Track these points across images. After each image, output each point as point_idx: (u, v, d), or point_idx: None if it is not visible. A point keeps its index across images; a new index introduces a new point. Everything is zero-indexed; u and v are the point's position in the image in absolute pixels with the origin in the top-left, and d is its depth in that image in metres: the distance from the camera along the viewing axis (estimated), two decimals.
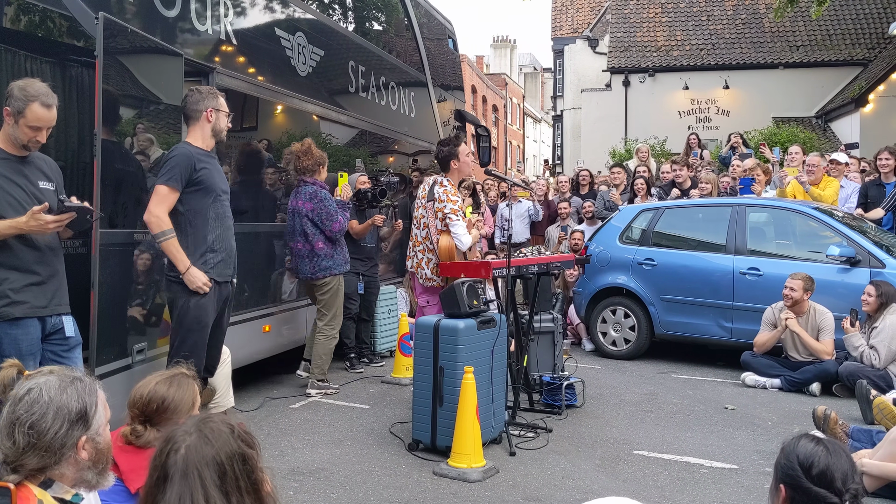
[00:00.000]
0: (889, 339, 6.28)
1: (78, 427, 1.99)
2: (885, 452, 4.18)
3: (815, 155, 8.96)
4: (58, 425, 1.95)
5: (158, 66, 4.96)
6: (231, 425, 1.78)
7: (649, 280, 8.17)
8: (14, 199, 3.55)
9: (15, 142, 3.59)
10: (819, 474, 2.12)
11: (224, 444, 1.73)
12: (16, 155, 3.61)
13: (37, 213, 3.47)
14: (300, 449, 5.02)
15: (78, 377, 2.05)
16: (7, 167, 3.58)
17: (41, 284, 3.63)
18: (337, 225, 6.41)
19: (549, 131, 46.64)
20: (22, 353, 3.49)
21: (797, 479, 2.14)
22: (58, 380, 2.01)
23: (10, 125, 3.55)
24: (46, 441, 1.94)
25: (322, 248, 6.43)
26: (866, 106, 18.92)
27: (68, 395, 1.99)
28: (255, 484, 1.75)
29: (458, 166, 5.84)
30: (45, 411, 1.95)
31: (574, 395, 6.11)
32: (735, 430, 5.60)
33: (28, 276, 3.58)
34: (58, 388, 1.99)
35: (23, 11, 4.25)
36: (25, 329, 3.56)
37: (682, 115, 23.16)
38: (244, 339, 6.10)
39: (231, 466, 1.71)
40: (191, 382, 2.77)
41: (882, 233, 7.80)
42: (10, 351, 3.43)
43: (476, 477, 4.44)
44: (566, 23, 33.97)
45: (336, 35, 7.94)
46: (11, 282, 3.53)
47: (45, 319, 3.65)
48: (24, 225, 3.50)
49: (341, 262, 6.55)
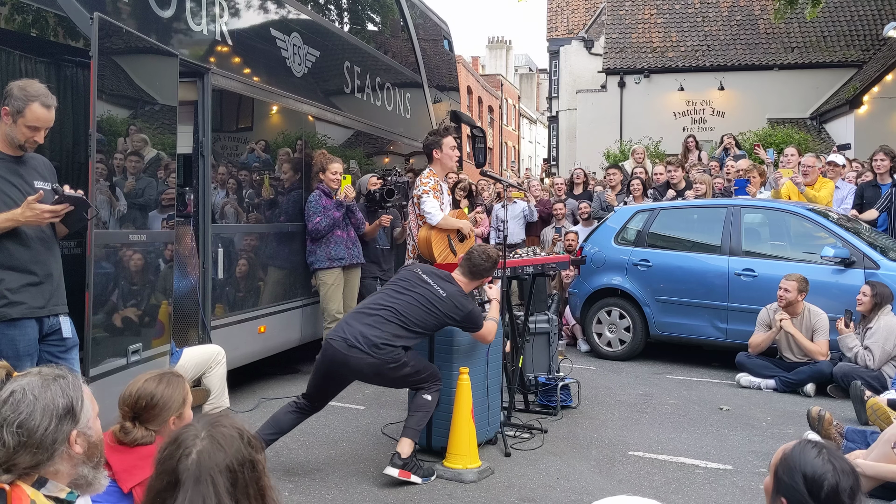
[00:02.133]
0: (883, 339, 6.30)
1: (66, 421, 1.99)
2: (878, 453, 4.19)
3: (810, 156, 8.97)
4: (46, 421, 1.95)
5: (153, 66, 4.95)
6: (240, 429, 1.76)
7: (644, 281, 8.18)
8: (10, 199, 3.54)
9: (11, 142, 3.58)
10: (826, 498, 2.05)
11: (236, 451, 1.71)
12: (11, 155, 3.60)
13: (32, 203, 3.45)
14: (295, 450, 5.01)
15: (60, 374, 2.05)
16: (3, 167, 3.57)
17: (39, 284, 3.61)
18: (311, 224, 6.89)
19: (545, 132, 46.69)
20: (19, 354, 3.48)
21: (802, 499, 2.07)
22: (40, 379, 2.01)
23: (8, 125, 3.54)
24: (37, 438, 1.94)
25: (309, 244, 7.00)
26: (861, 107, 18.98)
27: (53, 392, 1.99)
28: (262, 490, 1.74)
29: (440, 157, 5.96)
30: (32, 409, 1.95)
31: (569, 396, 6.11)
32: (730, 430, 5.61)
33: (25, 276, 3.57)
34: (41, 386, 1.99)
35: (17, 11, 4.24)
36: (23, 330, 3.55)
37: (677, 117, 23.20)
38: (239, 339, 6.10)
39: (242, 473, 1.70)
40: (181, 381, 2.76)
41: (876, 234, 7.82)
42: (7, 352, 3.41)
43: (471, 478, 4.45)
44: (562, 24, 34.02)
45: (332, 35, 7.94)
46: (8, 282, 3.51)
47: (42, 320, 3.64)
48: (21, 216, 3.48)
49: (323, 258, 6.94)
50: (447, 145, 5.92)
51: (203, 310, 5.71)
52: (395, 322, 4.44)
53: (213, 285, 5.83)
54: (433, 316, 4.52)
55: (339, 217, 6.92)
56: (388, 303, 4.52)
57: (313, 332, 7.24)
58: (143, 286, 4.77)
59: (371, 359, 4.35)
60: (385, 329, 4.41)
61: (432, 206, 5.73)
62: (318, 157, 7.17)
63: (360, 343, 4.34)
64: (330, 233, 6.92)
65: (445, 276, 4.73)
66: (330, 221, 6.86)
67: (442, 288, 4.60)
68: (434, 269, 4.86)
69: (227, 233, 6.09)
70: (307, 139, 7.24)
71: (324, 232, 6.87)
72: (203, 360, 5.19)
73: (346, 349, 4.36)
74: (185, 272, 5.72)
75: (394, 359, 4.39)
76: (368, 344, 4.34)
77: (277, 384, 6.85)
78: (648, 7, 25.24)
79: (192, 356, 5.16)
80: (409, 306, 4.49)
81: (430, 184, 5.83)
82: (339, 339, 4.41)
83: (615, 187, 10.59)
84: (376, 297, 4.68)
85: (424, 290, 4.56)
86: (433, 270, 4.82)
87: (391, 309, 4.48)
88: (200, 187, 5.76)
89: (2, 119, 3.56)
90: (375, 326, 4.41)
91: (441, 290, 4.58)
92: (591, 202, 10.36)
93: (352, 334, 4.38)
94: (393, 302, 4.52)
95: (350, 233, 7.13)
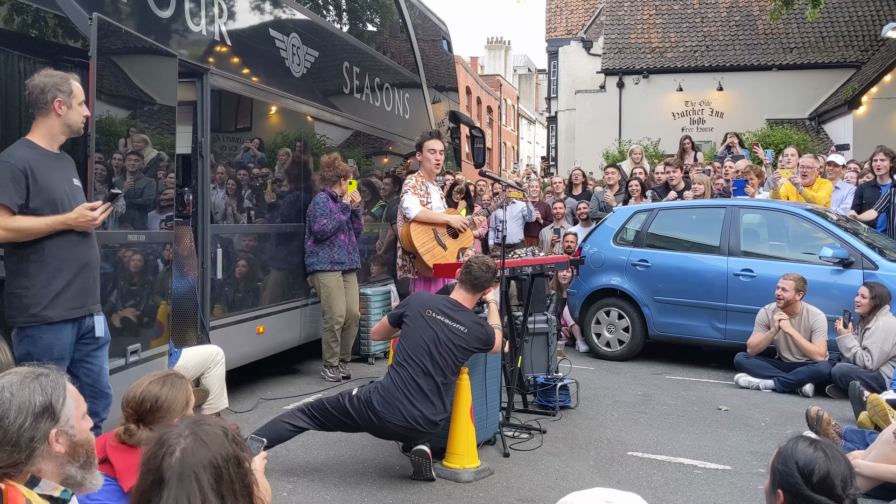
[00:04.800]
0: (882, 340, 6.30)
1: (44, 420, 1.98)
2: (877, 453, 4.20)
3: (809, 156, 8.97)
4: (21, 419, 1.94)
5: (152, 66, 4.95)
6: (224, 427, 1.78)
7: (643, 281, 8.18)
8: (66, 197, 3.56)
9: (64, 132, 3.59)
10: (819, 481, 2.10)
11: (219, 447, 1.72)
12: (53, 152, 3.59)
13: (85, 210, 3.50)
14: (294, 450, 5.01)
15: (43, 373, 2.05)
16: (51, 164, 3.56)
17: (75, 282, 3.59)
18: (317, 225, 6.90)
19: (544, 132, 46.68)
20: (54, 359, 3.45)
21: (797, 486, 2.12)
22: (20, 377, 2.01)
23: (63, 113, 3.54)
24: (11, 436, 1.93)
25: (310, 245, 6.98)
26: (859, 108, 18.99)
27: (31, 390, 1.98)
28: (248, 487, 1.75)
29: (421, 159, 6.26)
30: (7, 407, 1.94)
31: (568, 397, 6.11)
32: (728, 431, 5.61)
33: (64, 275, 3.55)
34: (19, 385, 1.98)
35: (16, 12, 4.23)
36: (59, 333, 3.53)
37: (675, 117, 23.21)
38: (238, 340, 6.09)
39: (227, 469, 1.71)
40: (184, 383, 2.77)
41: (875, 234, 7.83)
42: (41, 356, 3.37)
43: (470, 478, 4.45)
44: (560, 24, 34.03)
45: (330, 36, 7.93)
46: (48, 284, 3.49)
47: (79, 321, 3.63)
48: (74, 221, 3.50)
49: (325, 260, 6.95)
50: (426, 148, 6.18)
51: (202, 310, 5.71)
52: (442, 390, 4.40)
53: (211, 285, 5.83)
54: (464, 353, 4.49)
55: (344, 221, 7.00)
56: (428, 368, 4.36)
57: (312, 333, 7.25)
58: (141, 286, 4.76)
59: (428, 434, 4.44)
60: (437, 401, 4.38)
61: (410, 201, 5.96)
62: (339, 165, 7.16)
63: (422, 425, 4.34)
64: (334, 236, 6.96)
65: (453, 305, 4.58)
66: (336, 224, 6.92)
67: (457, 322, 4.49)
68: (438, 300, 4.65)
69: (226, 233, 6.09)
70: (306, 139, 7.24)
71: (329, 234, 6.91)
72: (202, 361, 5.18)
73: (405, 432, 4.39)
74: (183, 272, 5.72)
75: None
76: (428, 423, 4.36)
77: (276, 385, 6.85)
78: (647, 8, 25.26)
79: (190, 356, 5.15)
80: (445, 362, 4.38)
81: (412, 183, 6.09)
82: (401, 420, 4.31)
83: (613, 187, 10.59)
84: (412, 364, 4.40)
85: (444, 332, 4.42)
86: (438, 302, 4.60)
87: (432, 377, 4.35)
88: (199, 187, 5.75)
89: (53, 113, 3.54)
90: (431, 402, 4.35)
91: (460, 326, 4.48)
92: (590, 202, 10.37)
93: (411, 417, 4.30)
94: (431, 366, 4.36)
95: (352, 237, 7.20)
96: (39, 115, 3.56)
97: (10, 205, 3.40)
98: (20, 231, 3.42)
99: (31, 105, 3.55)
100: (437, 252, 5.88)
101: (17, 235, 3.43)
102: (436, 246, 5.89)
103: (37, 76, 3.58)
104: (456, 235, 6.12)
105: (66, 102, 3.54)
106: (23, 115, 4.22)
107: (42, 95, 3.51)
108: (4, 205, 3.39)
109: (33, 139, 3.57)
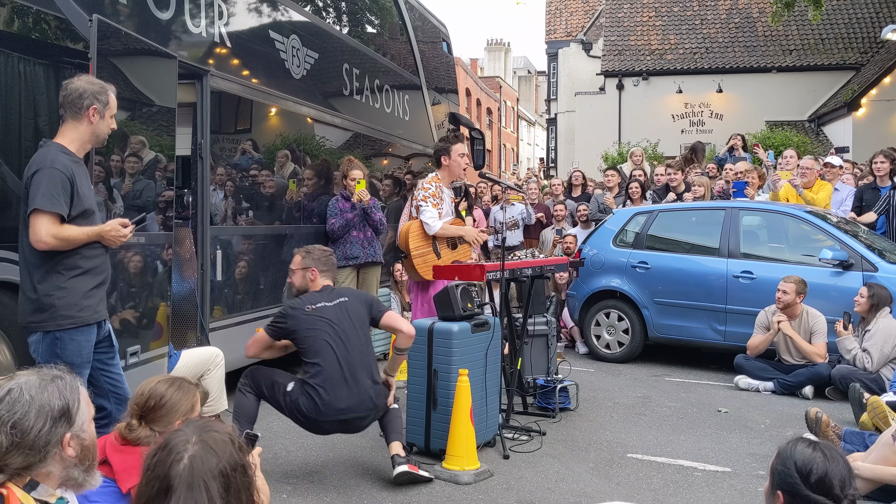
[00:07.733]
0: (881, 342, 6.30)
1: (61, 424, 1.97)
2: (877, 455, 4.19)
3: (809, 158, 8.97)
4: (41, 423, 1.94)
5: (152, 68, 4.95)
6: (230, 434, 1.76)
7: (643, 283, 8.18)
8: (92, 206, 3.57)
9: (92, 140, 3.59)
10: (817, 481, 2.11)
11: (228, 455, 1.70)
12: (80, 158, 3.58)
13: (118, 227, 3.53)
14: (294, 452, 5.01)
15: (58, 375, 2.04)
16: (82, 171, 3.56)
17: (102, 287, 3.62)
18: (328, 225, 7.24)
19: (543, 134, 46.71)
20: (83, 361, 3.46)
21: (795, 486, 2.13)
22: (38, 379, 2.00)
23: (95, 122, 3.53)
24: (30, 439, 1.92)
25: (329, 246, 6.97)
26: (859, 110, 19.01)
27: (49, 393, 1.97)
28: (251, 495, 1.74)
29: (448, 164, 5.98)
30: (27, 410, 1.93)
31: (568, 399, 6.11)
32: (728, 433, 5.61)
33: (95, 278, 3.57)
34: (38, 387, 1.97)
35: (16, 13, 4.23)
36: (88, 336, 3.54)
37: (675, 119, 23.25)
38: (238, 342, 6.08)
39: (235, 478, 1.69)
40: (194, 390, 2.78)
41: (874, 236, 7.83)
42: (72, 359, 3.37)
43: (470, 480, 4.44)
44: (560, 26, 34.08)
45: (330, 38, 7.94)
46: (82, 287, 3.50)
47: (100, 325, 3.64)
48: (107, 234, 3.52)
49: (340, 257, 7.04)
50: (456, 152, 5.93)
51: (202, 312, 5.70)
52: (371, 364, 4.49)
53: (211, 287, 5.82)
54: (361, 320, 4.51)
55: (352, 218, 7.20)
56: (353, 353, 4.38)
57: None
58: (141, 288, 4.77)
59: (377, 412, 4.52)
60: (376, 374, 4.49)
61: (431, 215, 5.76)
62: (344, 163, 7.50)
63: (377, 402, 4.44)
64: (346, 233, 7.23)
65: (324, 290, 4.55)
66: (343, 222, 7.19)
67: (338, 297, 4.50)
68: (306, 297, 4.55)
69: (226, 234, 6.08)
70: (306, 141, 7.24)
71: (339, 233, 7.21)
72: (201, 363, 5.17)
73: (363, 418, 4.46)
74: (183, 274, 5.71)
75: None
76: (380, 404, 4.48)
77: None
78: (647, 10, 25.29)
79: (190, 358, 5.14)
80: (351, 336, 4.40)
81: (431, 190, 5.84)
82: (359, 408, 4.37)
83: (613, 189, 10.59)
84: (332, 351, 4.35)
85: (335, 313, 4.42)
86: (308, 298, 4.52)
87: (358, 353, 4.40)
88: (199, 189, 5.75)
89: (86, 120, 3.52)
90: (375, 382, 4.45)
91: (342, 299, 4.50)
92: (589, 204, 10.36)
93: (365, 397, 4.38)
94: (350, 349, 4.37)
95: (367, 233, 7.38)
96: (71, 118, 3.53)
97: (63, 213, 3.41)
98: (66, 240, 3.43)
99: (64, 107, 3.52)
100: (429, 259, 5.81)
101: (63, 244, 3.43)
102: (430, 252, 5.83)
103: (77, 80, 3.56)
104: (455, 246, 6.02)
105: (101, 112, 3.53)
106: (23, 115, 4.23)
107: (79, 100, 3.49)
108: (57, 213, 3.39)
109: (64, 144, 3.53)
